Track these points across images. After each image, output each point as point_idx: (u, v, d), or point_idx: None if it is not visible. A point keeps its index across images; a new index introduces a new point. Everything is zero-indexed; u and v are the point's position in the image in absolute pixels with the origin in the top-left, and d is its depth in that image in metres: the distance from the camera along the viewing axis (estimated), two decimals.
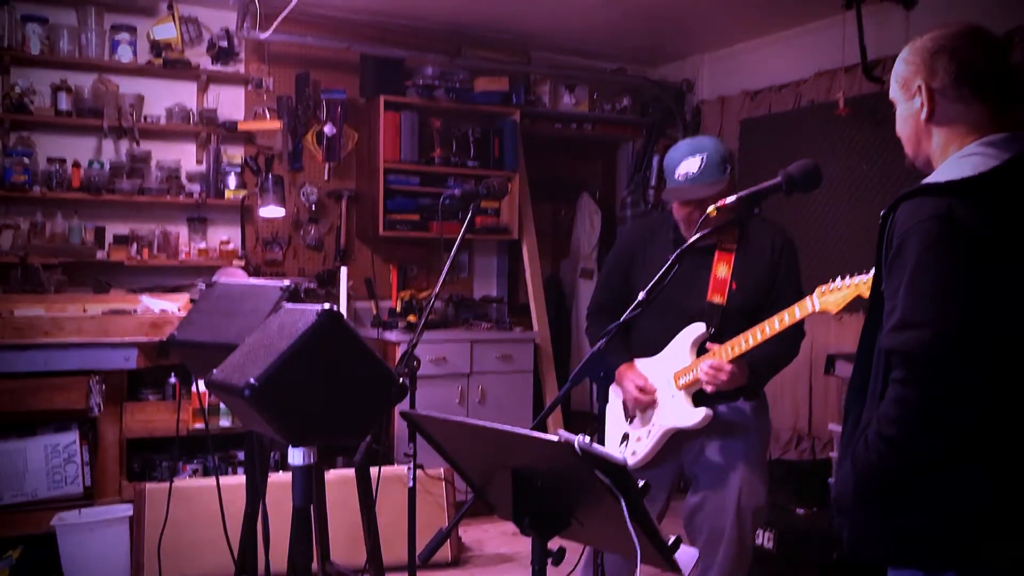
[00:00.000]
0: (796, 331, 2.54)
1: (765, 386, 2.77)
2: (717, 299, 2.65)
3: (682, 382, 2.66)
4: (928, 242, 1.48)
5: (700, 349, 2.66)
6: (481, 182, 3.01)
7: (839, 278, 2.39)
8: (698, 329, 2.65)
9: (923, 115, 1.67)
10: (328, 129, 5.18)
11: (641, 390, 2.69)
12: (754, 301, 2.65)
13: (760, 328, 2.49)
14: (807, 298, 2.43)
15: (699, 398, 2.66)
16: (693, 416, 2.63)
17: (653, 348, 2.74)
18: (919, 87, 1.67)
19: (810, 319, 2.48)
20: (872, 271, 2.26)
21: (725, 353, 2.56)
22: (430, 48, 5.40)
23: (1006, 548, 1.48)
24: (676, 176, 2.63)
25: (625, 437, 2.78)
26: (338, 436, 2.02)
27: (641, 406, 2.72)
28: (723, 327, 2.62)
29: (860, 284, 2.33)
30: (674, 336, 2.69)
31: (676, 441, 2.70)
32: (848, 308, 2.39)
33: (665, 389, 2.69)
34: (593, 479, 1.42)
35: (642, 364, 2.77)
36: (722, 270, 2.66)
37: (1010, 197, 1.53)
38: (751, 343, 2.51)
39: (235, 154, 5.05)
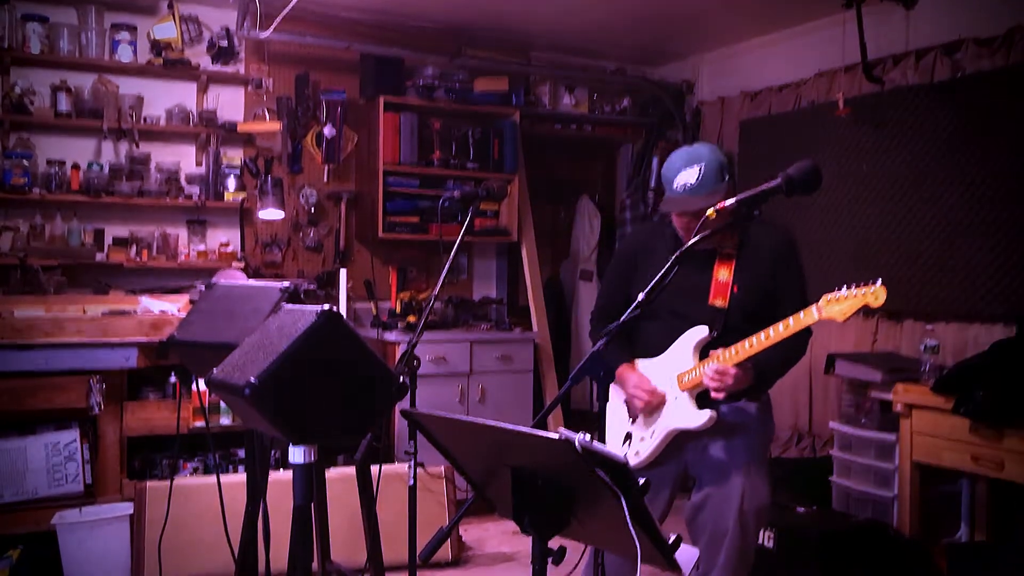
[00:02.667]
0: (802, 332, 2.54)
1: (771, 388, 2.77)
2: (719, 303, 2.65)
3: (686, 383, 2.66)
4: None
5: (703, 352, 2.66)
6: (480, 184, 3.02)
7: (846, 287, 2.38)
8: (701, 332, 2.65)
9: None
10: (328, 131, 5.18)
11: (651, 394, 2.69)
12: (756, 304, 2.65)
13: (764, 332, 2.49)
14: (812, 306, 2.42)
15: (702, 400, 2.66)
16: (698, 418, 2.63)
17: (655, 352, 2.75)
18: None
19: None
20: (879, 282, 2.27)
21: (729, 357, 2.56)
22: (430, 48, 5.40)
23: None
24: (675, 187, 2.62)
25: (628, 437, 2.79)
26: (338, 435, 2.02)
27: (649, 409, 2.72)
28: (725, 331, 2.63)
29: (867, 295, 2.31)
30: (676, 339, 2.70)
31: (679, 441, 2.71)
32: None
33: (668, 391, 2.70)
34: (593, 478, 1.43)
35: (643, 365, 2.77)
36: (723, 274, 2.66)
37: None
38: (755, 347, 2.51)
39: (234, 156, 5.05)
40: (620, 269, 2.90)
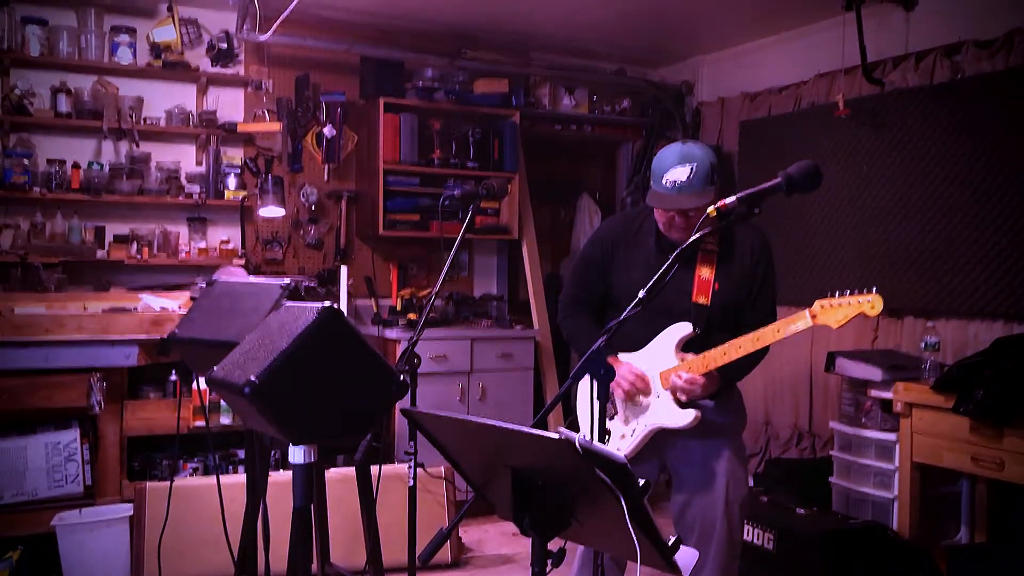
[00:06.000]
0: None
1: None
2: (702, 300, 2.64)
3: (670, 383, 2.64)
4: None
5: (685, 349, 2.66)
6: (481, 183, 3.01)
7: (838, 293, 2.37)
8: (684, 329, 2.64)
9: None
10: (328, 131, 5.18)
11: (639, 378, 2.66)
12: (735, 301, 2.67)
13: (751, 339, 2.50)
14: (805, 312, 2.41)
15: None
16: (682, 417, 2.62)
17: (632, 346, 2.72)
18: None
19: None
20: (875, 290, 2.24)
21: (703, 364, 2.56)
22: (430, 50, 5.40)
23: None
24: (664, 182, 2.57)
25: (607, 434, 2.77)
26: (338, 434, 2.02)
27: (632, 394, 2.71)
28: (708, 328, 2.64)
29: (863, 303, 2.31)
30: (657, 334, 2.68)
31: (658, 438, 2.70)
32: None
33: (652, 387, 2.68)
34: (593, 478, 1.43)
35: (625, 359, 2.76)
36: (705, 271, 2.65)
37: None
38: (732, 356, 2.52)
39: (235, 155, 5.05)
40: (597, 259, 2.83)
